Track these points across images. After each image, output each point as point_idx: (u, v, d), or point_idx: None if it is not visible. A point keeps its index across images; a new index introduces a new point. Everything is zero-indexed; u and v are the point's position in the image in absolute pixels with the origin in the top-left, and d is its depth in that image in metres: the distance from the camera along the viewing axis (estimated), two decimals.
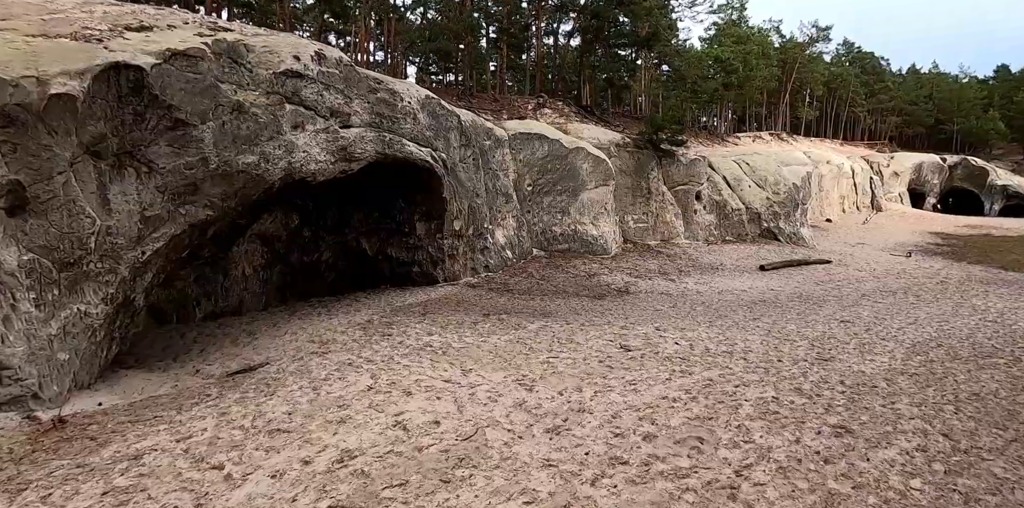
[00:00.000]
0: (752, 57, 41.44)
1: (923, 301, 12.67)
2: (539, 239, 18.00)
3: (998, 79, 72.41)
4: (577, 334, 8.63)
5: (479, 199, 15.39)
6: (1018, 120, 57.49)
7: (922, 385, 6.44)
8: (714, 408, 5.18)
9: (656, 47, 35.51)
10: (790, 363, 7.13)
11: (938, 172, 47.15)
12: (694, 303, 12.14)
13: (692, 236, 21.02)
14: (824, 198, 33.01)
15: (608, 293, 13.30)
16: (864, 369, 7.02)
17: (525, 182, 18.21)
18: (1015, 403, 6.03)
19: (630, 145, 20.86)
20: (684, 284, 14.61)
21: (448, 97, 22.62)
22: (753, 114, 52.05)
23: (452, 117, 14.82)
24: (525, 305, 11.65)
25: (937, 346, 8.63)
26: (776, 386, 6.00)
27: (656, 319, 10.21)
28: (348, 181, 11.68)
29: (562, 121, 23.04)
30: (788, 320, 10.33)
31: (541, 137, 18.50)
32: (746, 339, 8.52)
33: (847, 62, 62.43)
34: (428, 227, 14.08)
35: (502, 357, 7.24)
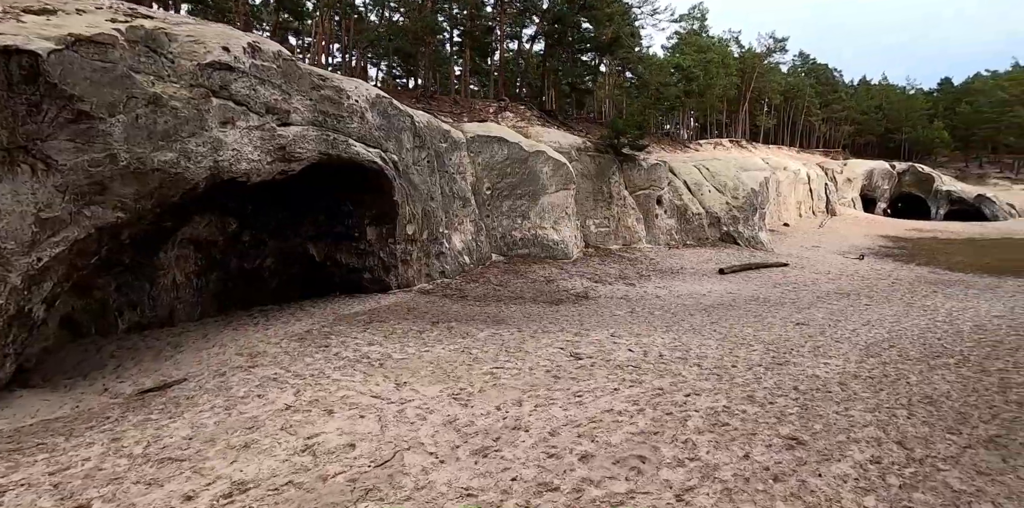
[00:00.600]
0: (712, 66, 42.36)
1: (875, 302, 12.75)
2: (498, 244, 17.56)
3: (942, 91, 76.31)
4: (528, 342, 8.18)
5: (434, 203, 14.86)
6: (960, 130, 60.56)
7: (875, 389, 6.23)
8: (661, 421, 4.79)
9: (619, 53, 35.79)
10: (744, 368, 6.85)
11: (888, 178, 49.05)
12: (652, 308, 11.88)
13: (654, 240, 20.96)
14: (782, 203, 33.73)
15: (566, 299, 12.93)
16: (818, 373, 6.79)
17: (484, 186, 17.78)
18: (966, 405, 5.87)
19: (591, 149, 20.70)
20: (644, 288, 14.39)
21: (406, 99, 22.06)
22: (714, 122, 53.17)
23: (405, 117, 14.28)
24: (479, 312, 11.15)
25: (890, 347, 8.54)
26: (728, 394, 5.67)
27: (612, 325, 9.86)
28: (291, 183, 11.02)
29: (523, 125, 22.76)
30: (745, 323, 10.14)
31: (501, 140, 18.13)
32: (702, 344, 8.24)
33: (803, 73, 64.64)
34: (379, 232, 13.45)
35: (443, 369, 6.72)
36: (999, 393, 6.40)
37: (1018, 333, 9.96)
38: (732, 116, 53.01)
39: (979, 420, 5.36)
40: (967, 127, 59.72)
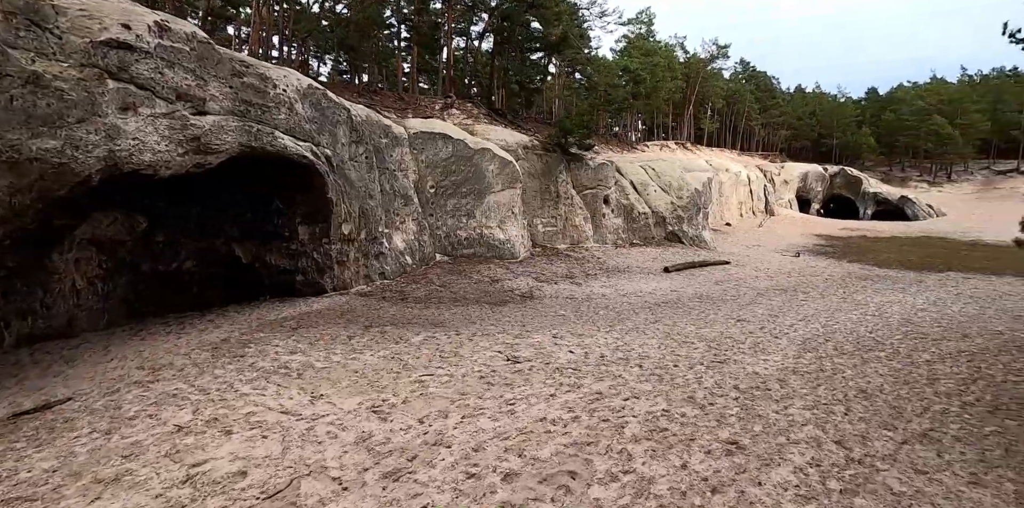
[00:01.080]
0: (659, 69, 43.35)
1: (811, 298, 13.07)
2: (443, 244, 17.00)
3: (869, 100, 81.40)
4: (464, 346, 7.72)
5: (373, 201, 14.15)
6: (885, 136, 64.70)
7: (813, 385, 6.16)
8: (597, 429, 4.45)
9: (567, 53, 35.95)
10: (686, 368, 6.65)
11: (821, 181, 51.69)
12: (598, 307, 11.67)
13: (601, 239, 20.95)
14: (724, 203, 34.76)
15: (511, 299, 12.55)
16: (758, 370, 6.68)
17: (427, 184, 17.18)
18: (899, 398, 5.87)
19: (538, 148, 20.47)
20: (590, 288, 14.21)
21: (348, 94, 21.14)
22: (661, 124, 54.49)
23: (340, 110, 13.51)
24: (417, 315, 10.59)
25: (825, 341, 8.63)
26: (668, 396, 5.41)
27: (556, 325, 9.54)
28: (211, 178, 10.12)
29: (470, 122, 22.29)
30: (688, 321, 10.07)
31: (445, 137, 17.57)
32: (644, 343, 8.03)
33: (743, 79, 67.37)
34: (312, 231, 12.64)
35: (367, 378, 6.16)
36: (928, 385, 6.48)
37: (941, 325, 10.37)
38: (678, 119, 54.48)
39: (912, 414, 5.33)
40: (891, 133, 63.87)
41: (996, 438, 4.72)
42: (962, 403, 5.78)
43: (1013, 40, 7.80)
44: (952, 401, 5.84)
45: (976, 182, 58.40)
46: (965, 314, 11.39)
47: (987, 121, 60.79)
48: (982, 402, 5.84)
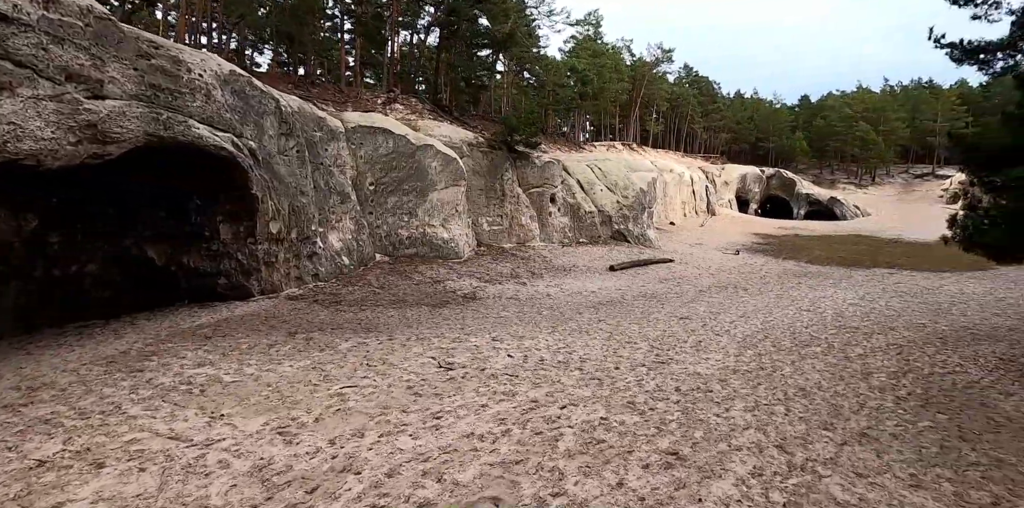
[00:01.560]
0: (606, 71, 43.90)
1: (750, 294, 13.30)
2: (383, 243, 16.26)
3: (802, 107, 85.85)
4: (396, 352, 7.17)
5: (305, 198, 13.27)
6: (816, 141, 68.40)
7: (754, 384, 6.03)
8: (528, 444, 4.05)
9: (515, 51, 35.73)
10: (627, 370, 6.39)
11: (759, 182, 53.97)
12: (542, 307, 11.36)
13: (547, 238, 20.76)
14: (668, 203, 35.52)
15: (452, 300, 12.04)
16: (700, 370, 6.52)
17: (367, 180, 16.39)
18: (836, 395, 5.82)
19: (484, 145, 20.03)
20: (535, 287, 13.91)
21: (282, 84, 19.96)
22: (608, 125, 55.26)
23: (268, 100, 12.57)
24: (350, 319, 9.91)
25: (764, 338, 8.65)
26: (608, 402, 5.10)
27: (496, 327, 9.13)
28: (114, 170, 9.08)
29: (413, 118, 21.57)
30: (632, 320, 9.91)
31: (385, 132, 16.83)
32: (587, 345, 7.75)
33: (687, 84, 69.44)
34: (236, 230, 11.68)
35: (280, 393, 5.52)
36: (863, 379, 6.51)
37: (870, 319, 10.71)
38: (624, 121, 55.45)
39: (850, 411, 5.26)
40: (822, 138, 67.61)
41: (931, 434, 4.68)
42: (896, 398, 5.79)
43: (938, 45, 8.04)
44: (886, 396, 5.85)
45: (897, 185, 62.73)
46: (891, 308, 11.86)
47: (906, 129, 65.49)
48: (914, 396, 5.88)
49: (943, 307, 12.07)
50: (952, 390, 6.10)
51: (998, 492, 3.59)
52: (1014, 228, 5.46)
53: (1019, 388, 6.22)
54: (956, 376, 6.76)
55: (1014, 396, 5.88)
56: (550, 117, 44.28)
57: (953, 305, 12.35)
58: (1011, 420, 5.10)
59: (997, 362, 7.56)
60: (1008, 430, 4.85)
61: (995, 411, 5.41)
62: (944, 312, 11.50)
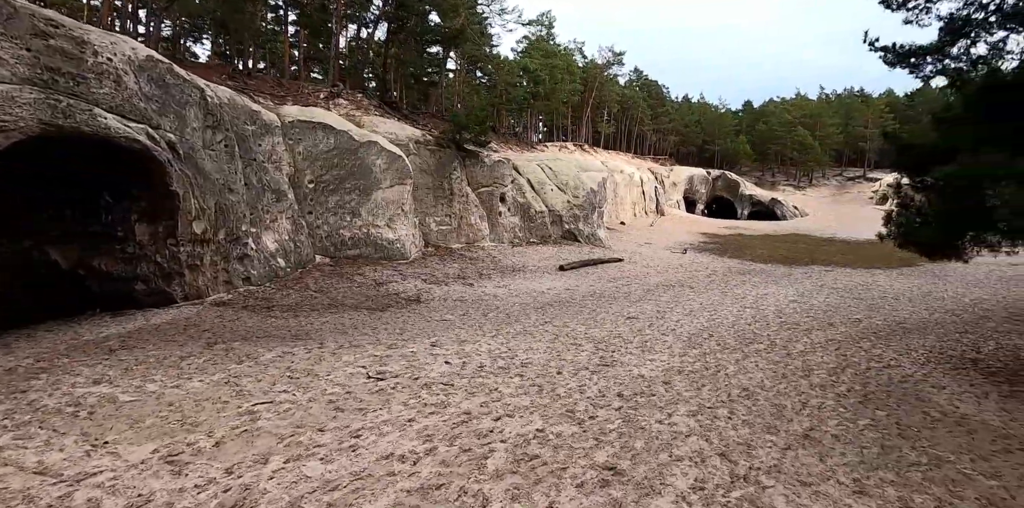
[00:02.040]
0: (557, 71, 44.03)
1: (697, 293, 13.39)
2: (324, 244, 15.44)
3: (745, 112, 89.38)
4: (324, 362, 6.59)
5: (234, 195, 12.35)
6: (759, 144, 71.32)
7: (697, 385, 5.86)
8: (454, 465, 3.64)
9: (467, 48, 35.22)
10: (570, 374, 6.09)
11: (705, 183, 55.67)
12: (488, 309, 10.98)
13: (497, 238, 20.41)
14: (619, 203, 35.95)
15: (395, 303, 11.47)
16: (644, 372, 6.30)
17: (306, 178, 15.52)
18: (779, 394, 5.72)
19: (431, 143, 19.46)
20: (482, 288, 13.51)
21: (214, 75, 18.70)
22: (560, 126, 55.59)
23: (191, 90, 11.60)
24: (280, 326, 9.19)
25: (709, 337, 8.59)
26: (546, 412, 4.76)
27: (438, 331, 8.67)
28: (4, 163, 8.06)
29: (358, 114, 20.73)
30: (579, 321, 9.67)
31: (326, 127, 16.00)
32: (530, 348, 7.41)
33: (637, 87, 70.84)
34: (154, 230, 10.71)
35: (182, 413, 4.88)
36: (804, 377, 6.47)
37: (809, 315, 10.93)
38: (576, 122, 55.93)
39: (792, 412, 5.14)
40: (763, 142, 70.58)
41: (871, 433, 4.59)
42: (836, 395, 5.74)
43: (872, 48, 8.19)
44: (827, 393, 5.79)
45: (831, 187, 66.25)
46: (828, 304, 12.18)
47: (840, 134, 69.38)
48: (853, 392, 5.86)
49: (876, 302, 12.51)
50: (888, 385, 6.14)
51: (940, 494, 3.48)
52: (944, 226, 5.54)
53: (950, 381, 6.34)
54: (891, 370, 6.85)
55: (946, 389, 5.96)
56: (503, 117, 44.07)
57: (885, 300, 12.83)
58: (945, 415, 5.12)
59: (927, 355, 7.76)
60: (944, 425, 4.85)
61: (930, 405, 5.44)
62: (877, 307, 11.90)
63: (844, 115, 73.21)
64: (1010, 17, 7.32)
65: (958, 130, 5.45)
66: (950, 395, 5.76)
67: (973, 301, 12.91)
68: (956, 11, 7.60)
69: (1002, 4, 7.17)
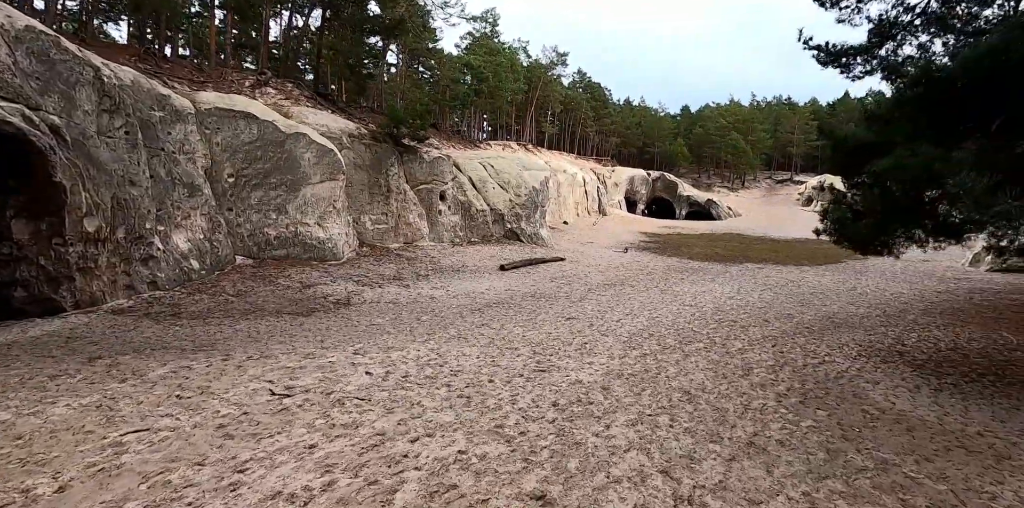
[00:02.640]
0: (501, 69, 43.65)
1: (637, 291, 13.30)
2: (247, 244, 14.23)
3: (683, 116, 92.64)
4: (225, 377, 5.76)
5: (136, 189, 11.05)
6: (695, 147, 74.05)
7: (638, 391, 5.52)
8: (353, 503, 3.04)
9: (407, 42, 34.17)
10: (503, 383, 5.59)
11: (645, 184, 57.03)
12: (422, 311, 10.33)
13: (437, 238, 19.70)
14: (562, 203, 36.02)
15: (321, 307, 10.60)
16: (582, 377, 5.90)
17: (225, 171, 14.25)
18: (720, 397, 5.47)
19: (367, 137, 18.49)
20: (419, 290, 12.82)
21: (122, 56, 16.92)
22: (505, 125, 55.32)
23: (83, 68, 10.24)
24: (184, 335, 8.17)
25: (649, 336, 8.37)
26: (471, 428, 4.23)
27: (364, 338, 7.95)
28: None
29: (288, 104, 19.42)
30: (517, 323, 9.22)
31: (249, 117, 14.77)
32: (463, 354, 6.86)
33: (580, 88, 71.68)
34: (35, 228, 9.37)
35: (30, 448, 3.98)
36: (744, 376, 6.29)
37: (746, 312, 11.01)
38: (521, 122, 55.83)
39: (735, 416, 4.87)
40: (700, 145, 73.37)
41: (815, 436, 4.37)
42: (776, 394, 5.56)
43: (806, 46, 8.21)
44: (768, 393, 5.61)
45: (762, 189, 69.78)
46: (763, 300, 12.38)
47: (770, 139, 73.21)
48: (792, 391, 5.70)
49: (806, 298, 12.84)
50: (826, 381, 6.05)
51: (892, 504, 3.23)
52: (877, 221, 5.49)
53: (882, 375, 6.34)
54: (827, 366, 6.81)
55: (880, 384, 5.93)
56: (446, 114, 43.21)
57: (815, 296, 13.21)
58: (883, 412, 5.02)
59: (859, 349, 7.84)
60: (883, 423, 4.72)
61: (867, 402, 5.34)
62: (808, 303, 12.19)
63: (773, 121, 77.39)
64: (933, 22, 7.50)
65: (894, 126, 5.44)
66: (885, 390, 5.71)
67: (893, 295, 13.52)
68: (885, 13, 7.73)
69: (927, 7, 7.33)
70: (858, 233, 5.91)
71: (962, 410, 5.05)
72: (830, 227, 6.57)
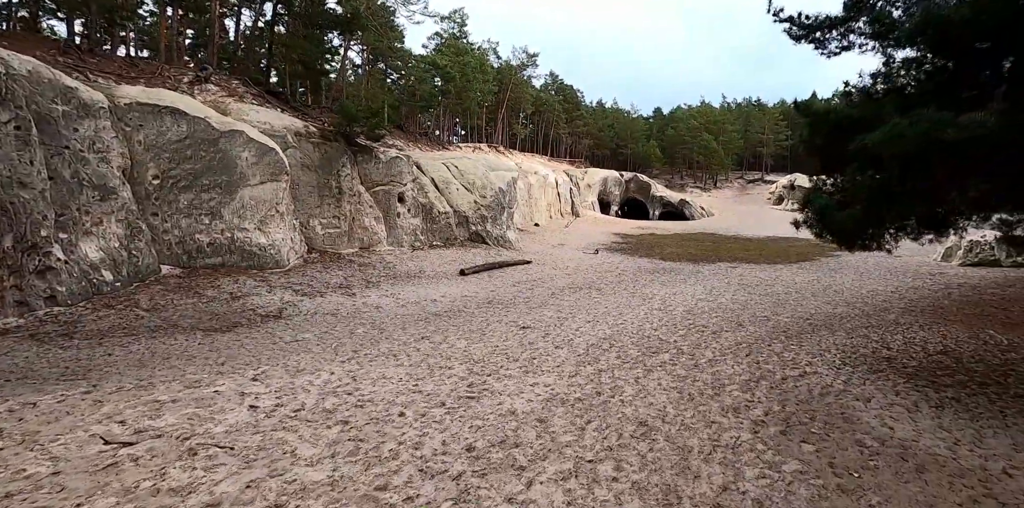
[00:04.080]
0: (469, 69, 42.63)
1: (604, 294, 12.34)
2: (175, 252, 12.85)
3: (655, 117, 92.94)
4: (68, 417, 4.54)
5: (28, 192, 9.65)
6: (668, 148, 74.12)
7: (583, 421, 4.49)
8: None
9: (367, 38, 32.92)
10: (416, 416, 4.50)
11: (619, 185, 56.57)
12: (360, 324, 9.16)
13: (396, 242, 18.48)
14: (534, 205, 35.09)
15: (246, 321, 9.35)
16: (518, 405, 4.84)
17: (149, 173, 12.87)
18: (684, 428, 4.47)
19: (316, 136, 17.22)
20: (365, 298, 11.63)
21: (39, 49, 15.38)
22: (476, 127, 54.34)
23: None
24: (63, 360, 6.86)
25: (609, 347, 7.37)
26: (342, 492, 3.13)
27: (274, 358, 6.76)
28: None
29: (229, 101, 18.03)
30: (463, 334, 8.13)
31: (177, 113, 13.40)
32: (383, 376, 5.74)
33: (552, 90, 71.17)
34: None
35: None
36: (714, 396, 5.31)
37: (718, 315, 10.13)
38: (492, 124, 54.92)
39: (701, 458, 3.86)
40: (672, 146, 73.42)
41: (803, 489, 3.38)
42: (752, 423, 4.59)
43: (777, 19, 7.39)
44: (742, 421, 4.63)
45: (734, 189, 70.04)
46: (736, 302, 11.54)
47: (740, 140, 73.67)
48: (772, 417, 4.73)
49: (781, 298, 12.06)
50: (809, 401, 5.12)
51: None
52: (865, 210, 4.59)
53: (873, 389, 5.44)
54: (809, 379, 5.90)
55: (872, 402, 5.02)
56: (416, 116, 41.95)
57: (789, 295, 12.45)
58: (883, 443, 4.07)
59: (842, 356, 6.98)
60: (886, 461, 3.77)
61: (861, 428, 4.41)
62: (783, 303, 11.40)
63: (744, 122, 78.02)
64: None
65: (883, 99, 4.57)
66: (879, 410, 4.79)
67: (869, 292, 12.85)
68: None
69: None
70: (844, 224, 5.02)
71: (975, 436, 4.15)
72: (811, 218, 5.68)
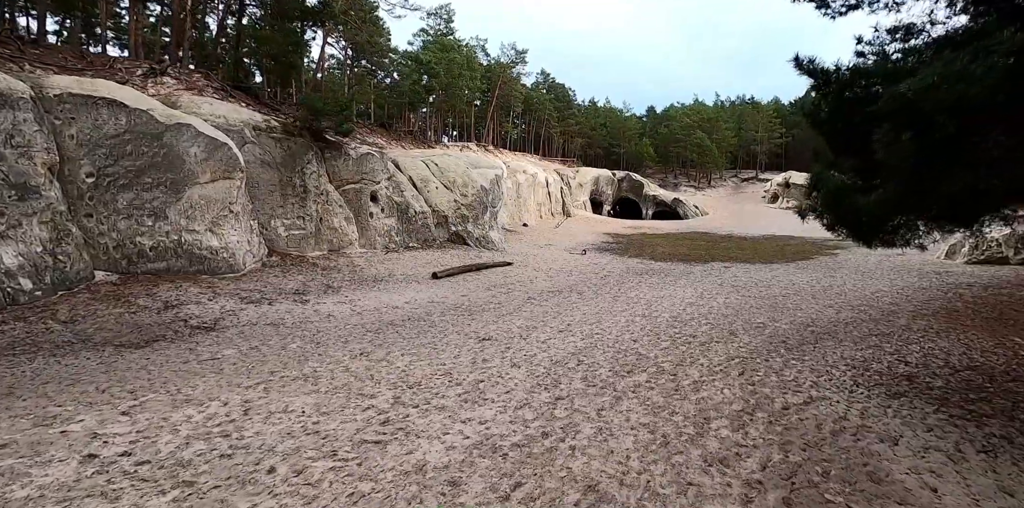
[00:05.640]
0: (455, 66, 41.51)
1: (584, 299, 11.21)
2: (112, 257, 11.65)
3: (649, 116, 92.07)
4: None
5: None
6: (661, 147, 73.15)
7: (508, 485, 3.34)
8: None
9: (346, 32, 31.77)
10: (288, 474, 3.35)
11: (611, 184, 55.54)
12: (297, 337, 7.99)
13: (369, 243, 17.30)
14: (522, 204, 33.99)
15: (170, 334, 8.17)
16: (431, 456, 3.68)
17: (82, 170, 11.67)
18: (649, 498, 3.34)
19: (277, 130, 16.06)
20: (318, 306, 10.47)
21: None
22: (465, 125, 53.25)
23: None
24: None
25: (577, 365, 6.24)
26: None
27: (174, 382, 5.60)
28: None
29: (186, 94, 16.84)
30: (410, 349, 6.98)
31: (115, 104, 12.20)
32: (282, 409, 4.59)
33: (544, 89, 70.14)
34: None
35: None
36: (696, 438, 4.18)
37: (708, 321, 9.03)
38: (482, 123, 53.82)
39: None
40: (666, 145, 72.45)
41: None
42: (744, 486, 3.45)
43: None
44: (731, 485, 3.49)
45: (728, 187, 69.09)
46: (729, 306, 10.45)
47: (734, 138, 72.77)
48: (772, 473, 3.59)
49: (778, 301, 10.97)
50: (820, 444, 3.99)
51: None
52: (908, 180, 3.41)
53: (899, 424, 4.33)
54: (816, 409, 4.78)
55: (901, 446, 3.89)
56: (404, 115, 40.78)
57: (787, 298, 11.36)
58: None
59: (853, 374, 5.87)
60: None
61: (895, 493, 3.27)
62: (780, 307, 10.31)
63: (737, 120, 77.15)
64: None
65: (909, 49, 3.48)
66: (913, 459, 3.67)
67: (874, 294, 11.79)
68: None
69: None
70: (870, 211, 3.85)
71: None
72: (819, 205, 4.52)
